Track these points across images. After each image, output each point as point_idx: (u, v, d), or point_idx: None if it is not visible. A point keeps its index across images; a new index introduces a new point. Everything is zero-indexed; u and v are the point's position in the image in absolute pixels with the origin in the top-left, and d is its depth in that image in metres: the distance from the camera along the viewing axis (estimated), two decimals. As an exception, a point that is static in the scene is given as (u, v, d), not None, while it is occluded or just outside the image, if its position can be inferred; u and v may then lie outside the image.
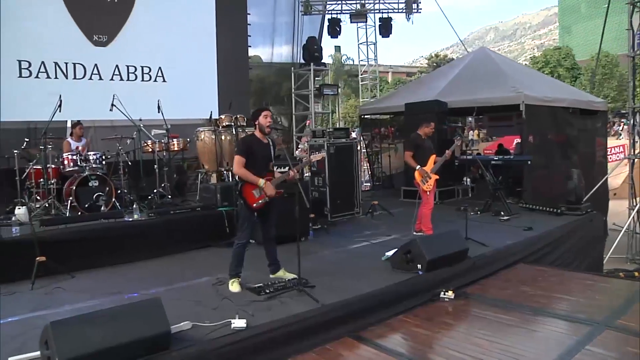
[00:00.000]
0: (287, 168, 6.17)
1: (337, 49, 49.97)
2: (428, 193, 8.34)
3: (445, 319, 5.66)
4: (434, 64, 61.28)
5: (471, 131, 17.31)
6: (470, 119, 17.09)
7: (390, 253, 7.07)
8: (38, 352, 4.09)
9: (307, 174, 9.80)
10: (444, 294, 6.15)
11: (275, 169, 6.18)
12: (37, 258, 6.45)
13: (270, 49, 15.46)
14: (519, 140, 16.95)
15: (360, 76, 18.44)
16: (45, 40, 10.06)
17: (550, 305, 5.94)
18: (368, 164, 15.51)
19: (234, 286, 5.87)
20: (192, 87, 11.89)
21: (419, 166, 8.24)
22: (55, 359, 3.70)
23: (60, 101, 8.49)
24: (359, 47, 17.61)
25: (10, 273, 6.57)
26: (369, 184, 15.22)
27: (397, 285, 6.02)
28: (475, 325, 5.43)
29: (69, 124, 10.82)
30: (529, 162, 10.58)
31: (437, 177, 8.41)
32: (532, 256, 8.03)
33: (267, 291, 5.69)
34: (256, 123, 5.98)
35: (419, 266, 6.34)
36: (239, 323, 4.67)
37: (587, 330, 5.10)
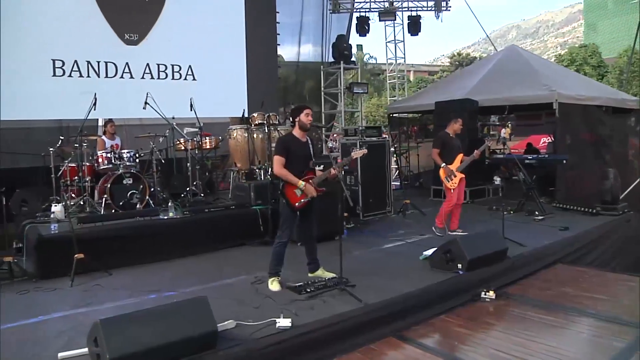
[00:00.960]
0: (321, 166, 6.14)
1: (360, 47, 49.82)
2: (452, 191, 8.36)
3: (487, 319, 5.59)
4: (457, 63, 60.97)
5: (503, 130, 17.10)
6: (493, 118, 16.89)
7: (428, 252, 7.01)
8: (86, 349, 4.09)
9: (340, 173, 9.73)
10: (485, 294, 6.07)
11: (315, 167, 6.14)
12: (76, 255, 6.49)
13: (294, 47, 15.41)
14: (546, 139, 16.80)
15: (387, 74, 18.34)
16: (78, 39, 10.08)
17: (594, 307, 5.82)
18: (397, 163, 15.41)
19: (274, 285, 5.85)
20: (222, 86, 11.87)
21: (444, 164, 8.29)
22: (106, 357, 3.70)
23: (95, 99, 8.56)
24: (386, 46, 17.53)
25: (50, 269, 6.67)
26: (397, 183, 15.12)
27: (439, 285, 5.97)
28: (518, 325, 5.34)
29: (100, 122, 10.93)
30: (565, 162, 10.39)
31: (463, 175, 8.38)
32: (570, 256, 7.90)
33: (308, 290, 5.66)
34: (296, 120, 5.94)
35: (459, 266, 6.28)
36: (284, 322, 4.63)
37: (638, 334, 4.97)
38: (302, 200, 5.80)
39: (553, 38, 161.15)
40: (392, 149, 14.21)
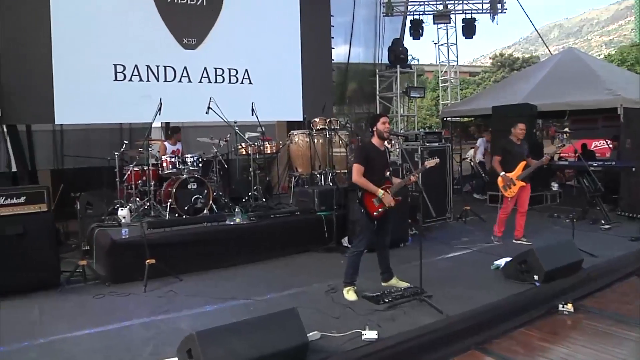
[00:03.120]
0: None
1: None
2: (509, 199, 8.31)
3: (569, 333, 5.47)
4: (499, 64, 60.15)
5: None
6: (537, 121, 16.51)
7: (499, 262, 6.92)
8: (176, 359, 4.12)
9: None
10: (563, 307, 5.94)
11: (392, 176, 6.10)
12: (147, 260, 6.57)
13: (344, 49, 15.31)
14: (598, 142, 16.44)
15: (440, 78, 18.17)
16: (138, 44, 10.22)
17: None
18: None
19: (350, 294, 5.82)
20: (277, 89, 11.88)
21: (502, 172, 8.22)
22: (204, 369, 3.71)
23: (161, 104, 8.69)
24: (438, 48, 17.40)
25: (122, 273, 6.80)
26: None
27: (517, 297, 5.87)
28: (604, 341, 5.20)
29: (154, 125, 11.07)
30: (634, 169, 10.09)
31: (524, 184, 8.30)
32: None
33: (386, 300, 5.62)
34: (374, 129, 5.91)
35: (536, 277, 6.16)
36: (370, 334, 4.61)
37: None
38: (380, 210, 5.77)
39: (598, 37, 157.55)
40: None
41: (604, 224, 9.44)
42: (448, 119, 14.92)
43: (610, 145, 14.25)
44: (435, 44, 17.59)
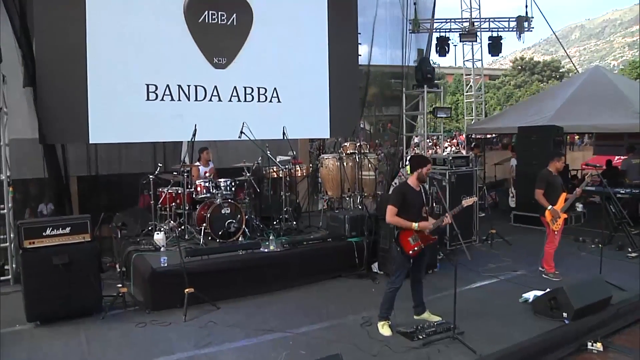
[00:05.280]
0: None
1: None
2: (556, 233, 8.26)
3: (599, 374, 5.60)
4: (519, 67, 59.94)
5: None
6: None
7: (527, 295, 7.09)
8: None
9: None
10: (592, 345, 6.05)
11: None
12: (186, 290, 6.82)
13: (363, 49, 15.14)
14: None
15: (465, 94, 18.29)
16: (170, 64, 10.37)
17: None
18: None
19: (384, 329, 6.03)
20: (306, 107, 12.00)
21: (550, 206, 8.12)
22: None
23: (195, 131, 8.91)
24: (464, 64, 17.55)
25: (161, 301, 7.06)
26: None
27: (547, 335, 6.01)
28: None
29: (184, 145, 11.29)
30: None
31: (566, 216, 8.37)
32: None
33: (420, 337, 5.82)
34: (417, 172, 6.09)
35: (565, 315, 6.30)
36: (408, 378, 4.79)
37: None
38: (416, 249, 5.97)
39: (620, 38, 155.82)
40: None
41: (631, 251, 9.49)
42: (473, 135, 15.09)
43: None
44: (468, 60, 17.83)
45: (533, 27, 14.49)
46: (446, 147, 29.95)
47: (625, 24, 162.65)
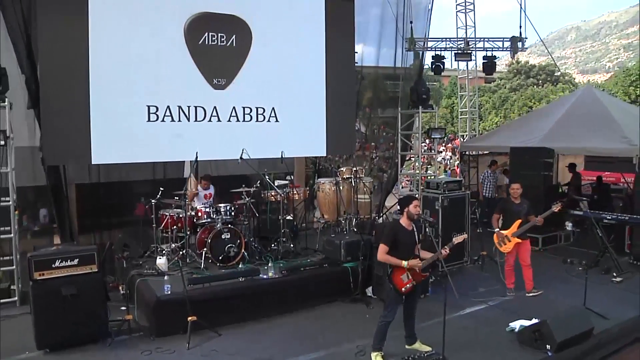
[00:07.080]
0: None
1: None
2: (507, 255, 9.09)
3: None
4: (515, 71, 60.06)
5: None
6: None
7: (514, 325, 7.43)
8: None
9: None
10: (573, 377, 6.41)
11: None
12: (189, 318, 7.14)
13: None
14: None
15: (459, 110, 18.65)
16: (171, 86, 10.52)
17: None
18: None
19: (377, 360, 6.37)
20: (302, 126, 12.23)
21: (497, 229, 9.07)
22: None
23: (197, 159, 9.26)
24: (457, 79, 17.88)
25: (165, 328, 7.38)
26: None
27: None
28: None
29: (186, 167, 11.49)
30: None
31: (520, 240, 8.92)
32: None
33: (411, 369, 6.14)
34: (405, 210, 6.42)
35: (548, 347, 6.62)
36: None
37: None
38: (408, 286, 6.32)
39: (616, 40, 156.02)
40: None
41: (616, 276, 9.81)
42: (467, 153, 15.42)
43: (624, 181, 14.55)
44: (463, 77, 18.17)
45: (527, 48, 14.79)
46: (440, 152, 30.28)
47: (621, 26, 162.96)
